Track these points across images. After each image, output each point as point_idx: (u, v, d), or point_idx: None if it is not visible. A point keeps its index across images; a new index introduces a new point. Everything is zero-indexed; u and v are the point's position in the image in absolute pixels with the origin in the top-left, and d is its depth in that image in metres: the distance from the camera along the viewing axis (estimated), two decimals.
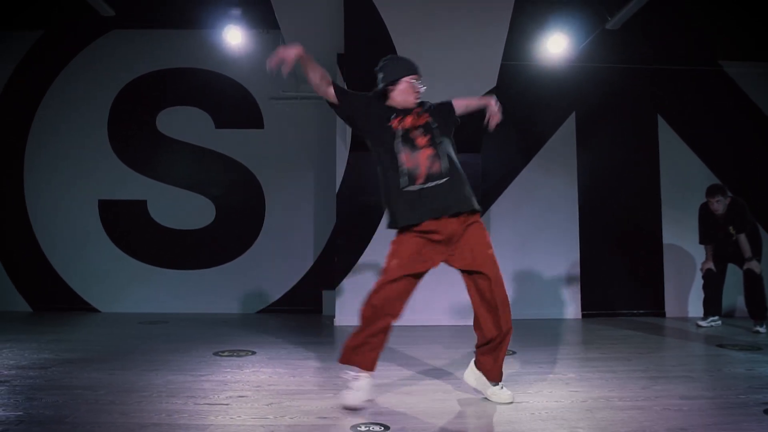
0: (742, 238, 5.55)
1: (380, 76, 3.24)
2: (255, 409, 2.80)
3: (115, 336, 5.14)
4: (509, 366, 3.80)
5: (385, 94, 3.21)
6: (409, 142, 2.99)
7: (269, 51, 6.75)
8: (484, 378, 3.04)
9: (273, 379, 3.46)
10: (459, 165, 3.06)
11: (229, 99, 7.09)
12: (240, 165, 7.04)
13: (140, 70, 7.08)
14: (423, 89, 3.23)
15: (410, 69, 3.22)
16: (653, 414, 2.72)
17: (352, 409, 2.79)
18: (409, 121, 3.06)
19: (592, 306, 6.64)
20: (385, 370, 3.71)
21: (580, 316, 6.57)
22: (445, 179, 2.93)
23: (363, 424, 2.57)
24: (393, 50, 5.30)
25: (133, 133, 7.02)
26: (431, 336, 5.17)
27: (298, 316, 6.49)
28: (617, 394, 3.10)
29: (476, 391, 3.09)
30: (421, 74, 3.28)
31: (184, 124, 7.03)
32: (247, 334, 5.21)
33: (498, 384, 3.01)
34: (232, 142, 7.04)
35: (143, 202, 6.97)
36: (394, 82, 3.18)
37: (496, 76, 5.52)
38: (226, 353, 4.25)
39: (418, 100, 3.21)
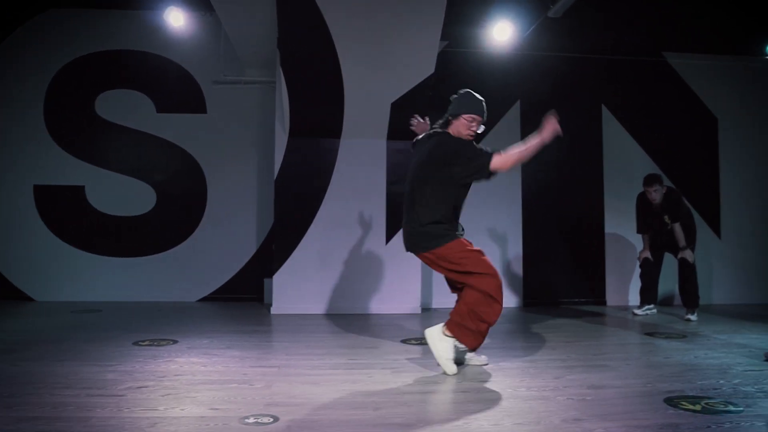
0: (677, 228, 5.60)
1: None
2: (148, 400, 2.71)
3: (40, 326, 4.96)
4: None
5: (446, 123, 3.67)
6: None
7: (212, 33, 6.78)
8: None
9: (183, 368, 3.36)
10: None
11: (170, 82, 6.90)
12: (182, 150, 6.87)
13: (78, 51, 6.82)
14: (480, 130, 3.64)
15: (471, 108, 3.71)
16: (554, 404, 2.70)
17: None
18: None
19: (535, 295, 6.66)
20: (302, 358, 3.64)
21: (521, 305, 6.59)
22: None
23: (253, 415, 2.49)
24: (328, 35, 5.20)
25: (70, 116, 6.78)
26: (366, 325, 5.10)
27: (238, 305, 6.38)
28: (527, 383, 3.08)
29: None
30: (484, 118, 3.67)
31: (124, 107, 6.82)
32: (177, 323, 5.09)
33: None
34: (173, 127, 6.86)
35: (81, 188, 6.76)
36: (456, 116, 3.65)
37: (434, 63, 5.45)
38: (146, 343, 4.13)
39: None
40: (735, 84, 7.14)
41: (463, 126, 3.55)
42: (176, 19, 6.32)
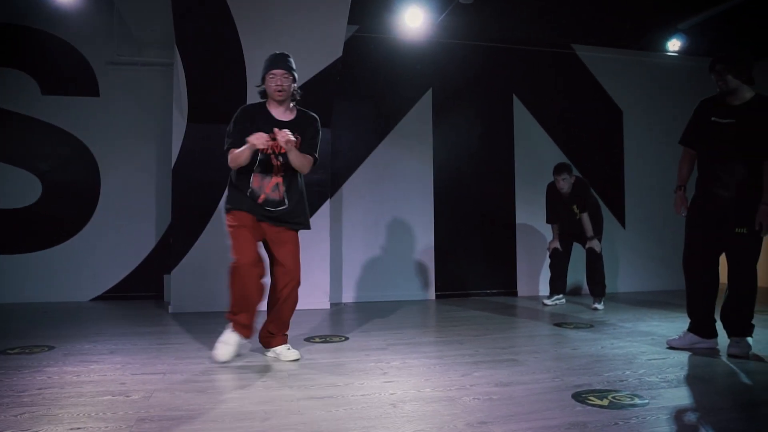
0: (585, 217, 5.64)
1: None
2: None
3: None
4: (333, 356, 3.56)
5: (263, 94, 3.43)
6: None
7: (105, 10, 6.23)
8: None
9: (51, 380, 2.96)
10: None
11: (58, 62, 6.31)
12: (71, 137, 6.31)
13: None
14: (280, 83, 3.29)
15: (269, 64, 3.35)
16: (460, 406, 2.54)
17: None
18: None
19: (447, 286, 6.58)
20: (191, 362, 3.32)
21: (434, 297, 6.49)
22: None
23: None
24: (227, 13, 4.84)
25: None
26: None
27: (135, 304, 5.93)
28: (432, 383, 2.91)
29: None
30: (283, 69, 3.30)
31: (4, 88, 6.17)
32: (60, 326, 4.61)
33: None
34: (62, 111, 6.28)
35: None
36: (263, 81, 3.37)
37: (341, 46, 5.21)
38: (15, 351, 3.67)
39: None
40: (639, 78, 7.33)
41: (268, 87, 3.32)
42: None
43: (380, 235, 6.40)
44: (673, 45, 6.92)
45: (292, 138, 3.11)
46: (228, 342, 3.36)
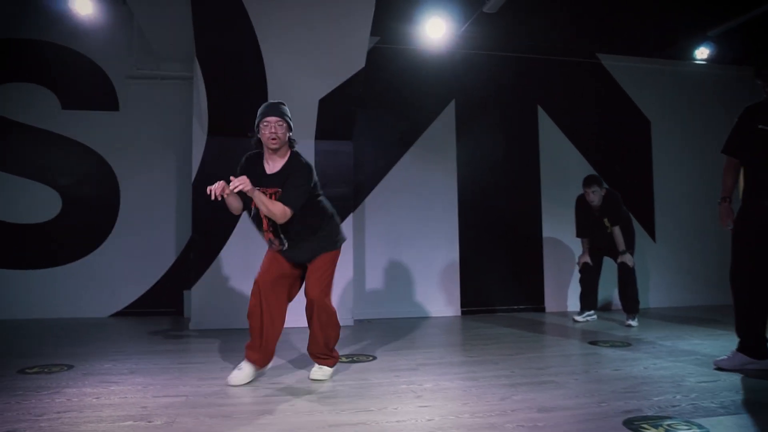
0: (617, 231, 5.45)
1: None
2: None
3: None
4: (363, 377, 3.40)
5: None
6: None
7: (124, 24, 6.19)
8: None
9: (70, 402, 2.83)
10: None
11: (78, 77, 6.28)
12: (91, 151, 6.25)
13: None
14: (274, 131, 3.19)
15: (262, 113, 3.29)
16: None
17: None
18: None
19: (472, 302, 6.40)
20: (215, 384, 3.18)
21: (459, 314, 6.31)
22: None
23: None
24: (249, 24, 4.75)
25: None
26: (291, 339, 4.67)
27: (155, 320, 5.82)
28: (470, 408, 2.74)
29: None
30: (277, 116, 3.21)
31: (25, 103, 6.14)
32: (80, 343, 4.50)
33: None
34: (82, 126, 6.23)
35: None
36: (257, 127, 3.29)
37: (365, 57, 5.09)
38: (34, 370, 3.56)
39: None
40: (667, 87, 7.15)
41: (263, 136, 3.24)
42: (84, 7, 5.71)
43: (404, 249, 6.25)
44: (702, 53, 6.75)
45: (237, 185, 2.95)
46: (241, 367, 3.33)
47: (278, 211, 3.07)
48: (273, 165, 3.26)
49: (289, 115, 3.29)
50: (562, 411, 2.68)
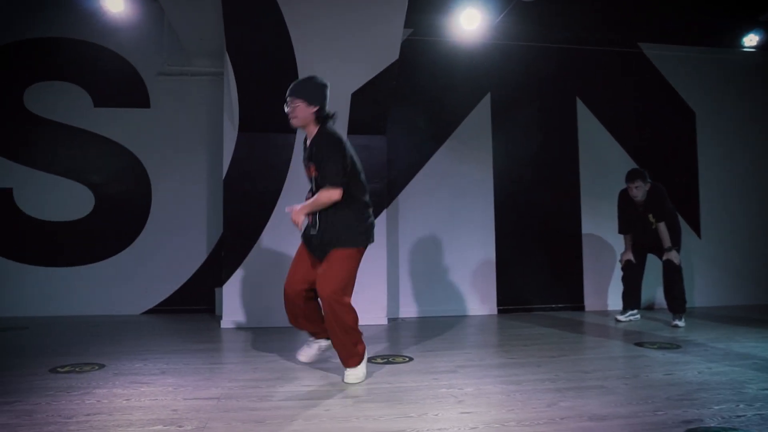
0: (662, 227, 5.21)
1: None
2: None
3: None
4: (400, 379, 3.26)
5: None
6: None
7: (154, 20, 6.15)
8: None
9: (100, 404, 2.75)
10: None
11: (109, 74, 6.26)
12: (123, 148, 6.23)
13: (4, 38, 6.13)
14: (287, 110, 3.22)
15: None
16: None
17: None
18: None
19: (509, 301, 6.21)
20: (248, 386, 3.08)
21: (495, 312, 6.12)
22: None
23: None
24: (281, 19, 4.64)
25: None
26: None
27: (187, 317, 5.78)
28: (516, 415, 2.57)
29: None
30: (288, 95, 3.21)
31: (57, 101, 6.14)
32: (111, 341, 4.46)
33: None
34: (113, 123, 6.21)
35: (8, 191, 6.07)
36: None
37: (398, 48, 4.93)
38: (65, 369, 3.50)
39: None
40: (712, 77, 6.85)
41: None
42: (114, 5, 5.70)
43: (439, 246, 6.08)
44: (751, 40, 6.46)
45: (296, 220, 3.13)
46: (309, 344, 3.41)
47: (324, 199, 3.09)
48: (309, 137, 3.28)
49: (309, 89, 3.20)
50: (615, 419, 2.50)
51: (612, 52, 6.63)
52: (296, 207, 3.13)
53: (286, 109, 3.20)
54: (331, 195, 3.07)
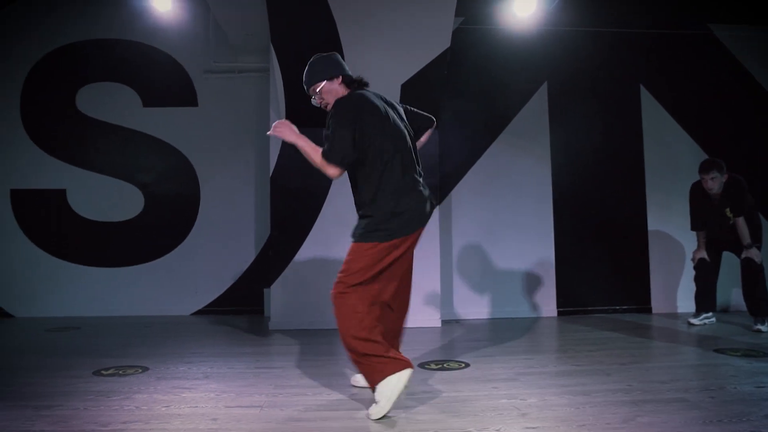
0: (741, 222, 4.78)
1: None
2: None
3: (2, 350, 4.28)
4: (456, 388, 3.01)
5: None
6: None
7: (200, 18, 6.08)
8: None
9: (140, 411, 2.62)
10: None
11: (158, 73, 6.24)
12: (171, 148, 6.20)
13: (56, 42, 6.18)
14: (318, 102, 3.00)
15: None
16: None
17: None
18: None
19: (570, 302, 5.86)
20: (293, 393, 2.89)
21: (555, 314, 5.79)
22: None
23: None
24: (327, 10, 4.47)
25: (49, 113, 6.13)
26: None
27: (236, 319, 5.68)
28: (589, 431, 2.29)
29: None
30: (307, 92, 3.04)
31: (107, 102, 6.16)
32: (157, 343, 4.38)
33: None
34: (162, 122, 6.19)
35: (62, 192, 6.12)
36: None
37: (449, 36, 4.69)
38: (109, 371, 3.41)
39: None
40: None
41: None
42: (162, 4, 5.67)
43: (494, 244, 5.80)
44: None
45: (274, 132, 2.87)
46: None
47: (318, 160, 2.76)
48: None
49: (313, 70, 2.96)
50: None
51: (678, 35, 6.19)
52: (292, 128, 2.89)
53: (315, 102, 2.98)
54: (323, 164, 2.74)
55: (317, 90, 2.89)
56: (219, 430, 2.35)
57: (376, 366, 2.55)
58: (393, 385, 2.50)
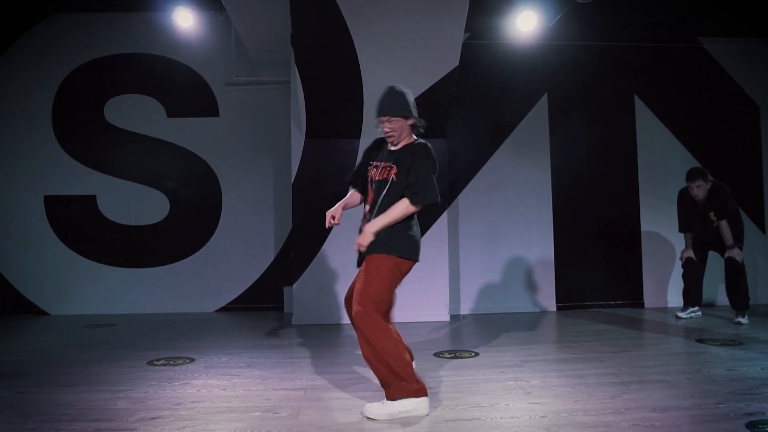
0: (724, 225, 5.23)
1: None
2: None
3: (51, 344, 4.73)
4: (469, 373, 3.47)
5: None
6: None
7: (222, 33, 6.51)
8: None
9: (201, 393, 3.07)
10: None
11: (181, 86, 6.64)
12: (194, 156, 6.61)
13: (85, 56, 6.57)
14: (387, 130, 3.01)
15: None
16: None
17: None
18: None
19: (568, 298, 6.31)
20: (329, 378, 3.35)
21: (555, 309, 6.24)
22: None
23: None
24: (345, 28, 4.90)
25: (79, 124, 6.53)
26: None
27: (257, 315, 6.11)
28: (583, 405, 2.75)
29: None
30: (382, 115, 3.01)
31: (134, 113, 6.56)
32: (194, 337, 4.82)
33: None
34: (185, 132, 6.59)
35: (92, 197, 6.53)
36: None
37: (458, 55, 5.12)
38: (161, 362, 3.86)
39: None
40: None
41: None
42: (185, 20, 6.05)
43: (498, 245, 6.24)
44: None
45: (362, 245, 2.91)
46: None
47: (402, 211, 2.86)
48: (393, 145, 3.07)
49: (402, 103, 2.98)
50: (678, 411, 2.65)
51: (669, 48, 6.60)
52: (366, 230, 2.89)
53: (383, 129, 3.00)
54: (409, 208, 2.86)
55: (391, 121, 2.96)
56: (275, 407, 2.80)
57: (402, 385, 2.70)
58: (407, 409, 2.68)
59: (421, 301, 5.49)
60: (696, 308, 5.55)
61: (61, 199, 6.52)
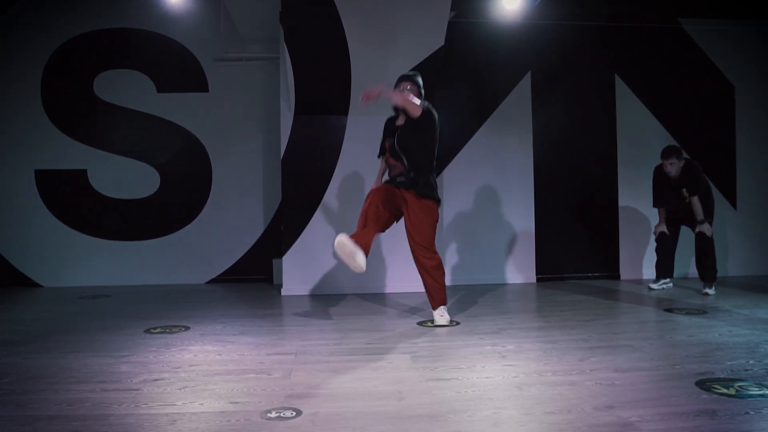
0: (695, 201, 5.47)
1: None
2: (165, 395, 2.63)
3: (51, 314, 4.89)
4: (450, 339, 3.70)
5: None
6: None
7: (211, 9, 6.58)
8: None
9: (198, 358, 3.28)
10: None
11: (171, 61, 6.71)
12: (184, 131, 6.72)
13: (74, 30, 6.60)
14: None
15: None
16: (583, 390, 2.62)
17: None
18: None
19: (547, 270, 6.57)
20: (318, 344, 3.57)
21: (534, 281, 6.50)
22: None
23: (275, 409, 2.41)
24: (332, 6, 5.02)
25: (68, 98, 6.60)
26: (378, 306, 5.03)
27: (247, 286, 6.31)
28: (552, 367, 2.99)
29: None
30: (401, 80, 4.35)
31: (123, 88, 6.63)
32: (186, 307, 5.01)
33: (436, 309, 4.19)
34: (175, 107, 6.68)
35: (83, 172, 6.63)
36: None
37: (444, 35, 5.27)
38: (158, 330, 4.05)
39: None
40: (754, 50, 6.91)
41: None
42: None
43: (480, 218, 6.45)
44: None
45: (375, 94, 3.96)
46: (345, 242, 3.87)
47: (413, 102, 3.99)
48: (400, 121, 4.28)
49: (419, 85, 4.33)
50: (637, 372, 2.90)
51: (650, 29, 6.77)
52: (387, 89, 4.05)
53: (400, 88, 4.14)
54: (415, 106, 4.00)
55: (408, 88, 4.19)
56: (268, 369, 3.01)
57: (443, 297, 4.23)
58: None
59: (407, 273, 5.70)
60: (668, 280, 5.82)
61: (51, 174, 6.61)
